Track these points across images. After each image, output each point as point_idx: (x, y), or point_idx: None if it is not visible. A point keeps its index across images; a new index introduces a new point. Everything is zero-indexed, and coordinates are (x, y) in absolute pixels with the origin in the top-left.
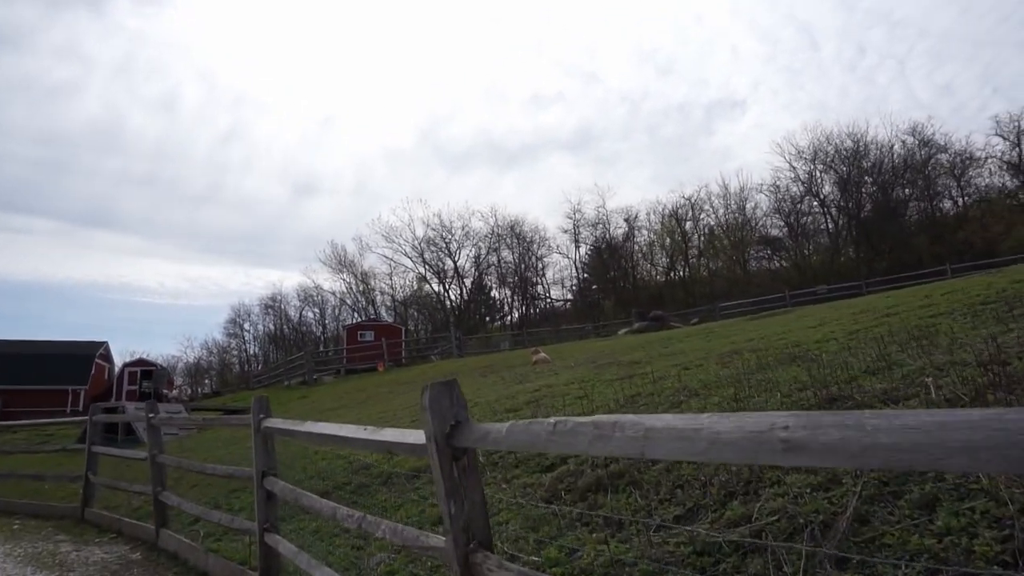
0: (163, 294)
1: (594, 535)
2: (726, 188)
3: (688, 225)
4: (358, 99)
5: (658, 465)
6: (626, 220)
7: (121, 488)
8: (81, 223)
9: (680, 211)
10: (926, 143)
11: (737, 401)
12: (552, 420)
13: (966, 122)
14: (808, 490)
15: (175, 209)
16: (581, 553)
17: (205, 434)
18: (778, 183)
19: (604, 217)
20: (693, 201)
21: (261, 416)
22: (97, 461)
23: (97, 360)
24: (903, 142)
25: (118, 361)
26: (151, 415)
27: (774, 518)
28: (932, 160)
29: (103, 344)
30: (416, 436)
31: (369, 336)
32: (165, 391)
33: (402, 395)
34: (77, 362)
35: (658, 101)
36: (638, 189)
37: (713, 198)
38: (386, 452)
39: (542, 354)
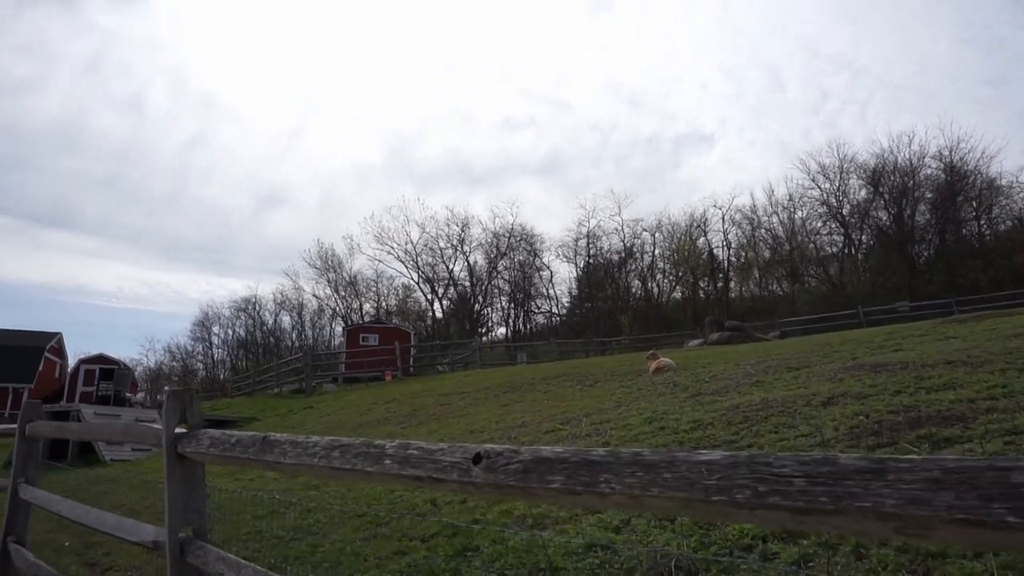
0: (121, 298)
1: None
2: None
3: (715, 237)
4: (327, 113)
5: None
6: (645, 230)
7: None
8: (35, 221)
9: (706, 221)
10: (952, 168)
11: None
12: None
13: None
14: None
15: (135, 213)
16: None
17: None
18: (804, 200)
19: (620, 226)
20: (724, 211)
21: None
22: (28, 515)
23: (47, 355)
24: (930, 166)
25: (72, 359)
26: (182, 432)
27: None
28: (963, 184)
29: (56, 336)
30: None
31: (373, 340)
32: (128, 395)
33: (477, 407)
34: (22, 355)
35: (627, 133)
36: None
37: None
38: None
39: (664, 359)
